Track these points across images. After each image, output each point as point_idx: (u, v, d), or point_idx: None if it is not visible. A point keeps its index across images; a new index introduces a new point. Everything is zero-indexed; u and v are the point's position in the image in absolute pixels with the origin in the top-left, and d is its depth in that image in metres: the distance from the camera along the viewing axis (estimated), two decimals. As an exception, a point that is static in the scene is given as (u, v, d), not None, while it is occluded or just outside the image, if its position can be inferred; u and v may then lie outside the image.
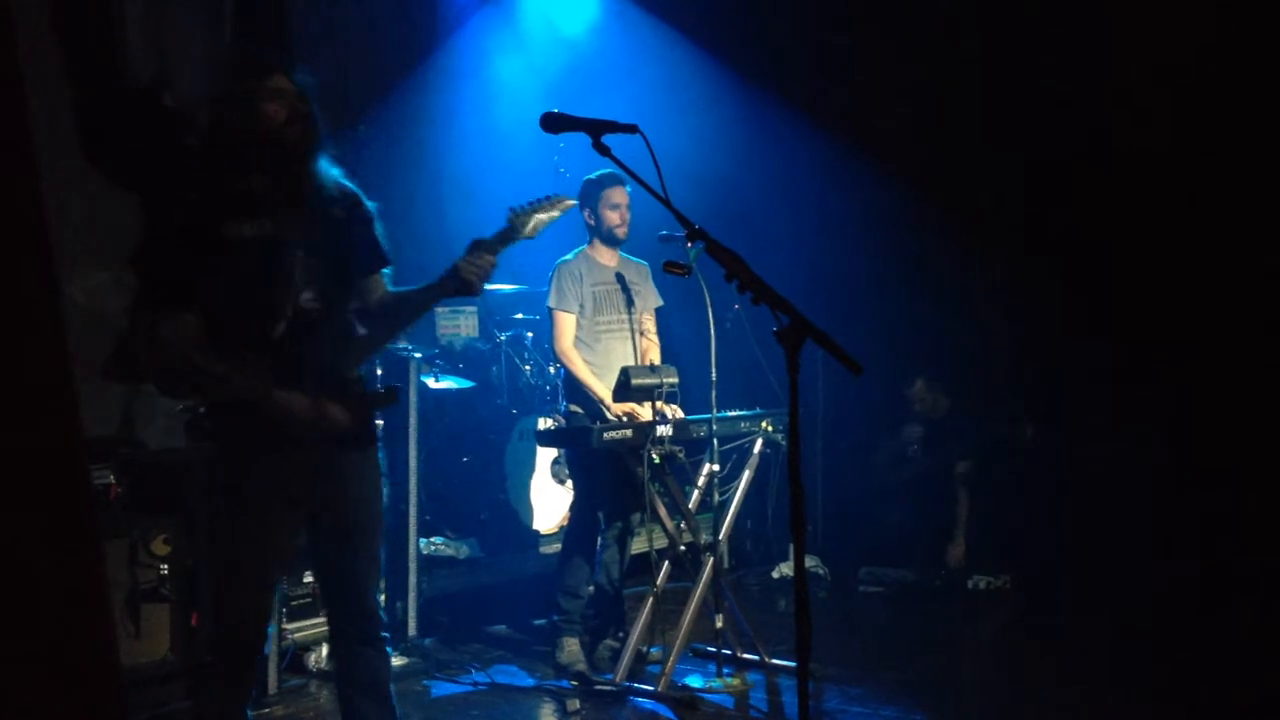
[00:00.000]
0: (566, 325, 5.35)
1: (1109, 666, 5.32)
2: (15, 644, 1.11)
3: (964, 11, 7.17)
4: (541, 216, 3.58)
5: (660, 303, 5.64)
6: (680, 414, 5.23)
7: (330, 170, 3.40)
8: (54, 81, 5.28)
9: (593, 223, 5.44)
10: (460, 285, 3.39)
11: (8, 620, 1.10)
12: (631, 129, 2.91)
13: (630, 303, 5.46)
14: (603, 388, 5.23)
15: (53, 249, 1.18)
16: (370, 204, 3.49)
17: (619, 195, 5.40)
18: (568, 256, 5.45)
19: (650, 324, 5.59)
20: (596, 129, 2.93)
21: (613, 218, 5.39)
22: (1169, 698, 4.84)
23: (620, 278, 5.46)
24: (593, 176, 5.45)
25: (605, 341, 5.41)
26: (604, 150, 2.91)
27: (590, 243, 5.49)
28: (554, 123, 3.00)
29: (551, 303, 5.39)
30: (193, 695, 3.43)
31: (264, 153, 3.28)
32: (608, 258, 5.49)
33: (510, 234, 3.51)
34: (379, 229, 3.49)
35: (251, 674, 3.36)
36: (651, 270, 5.62)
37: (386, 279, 3.51)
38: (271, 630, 4.89)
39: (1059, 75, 6.91)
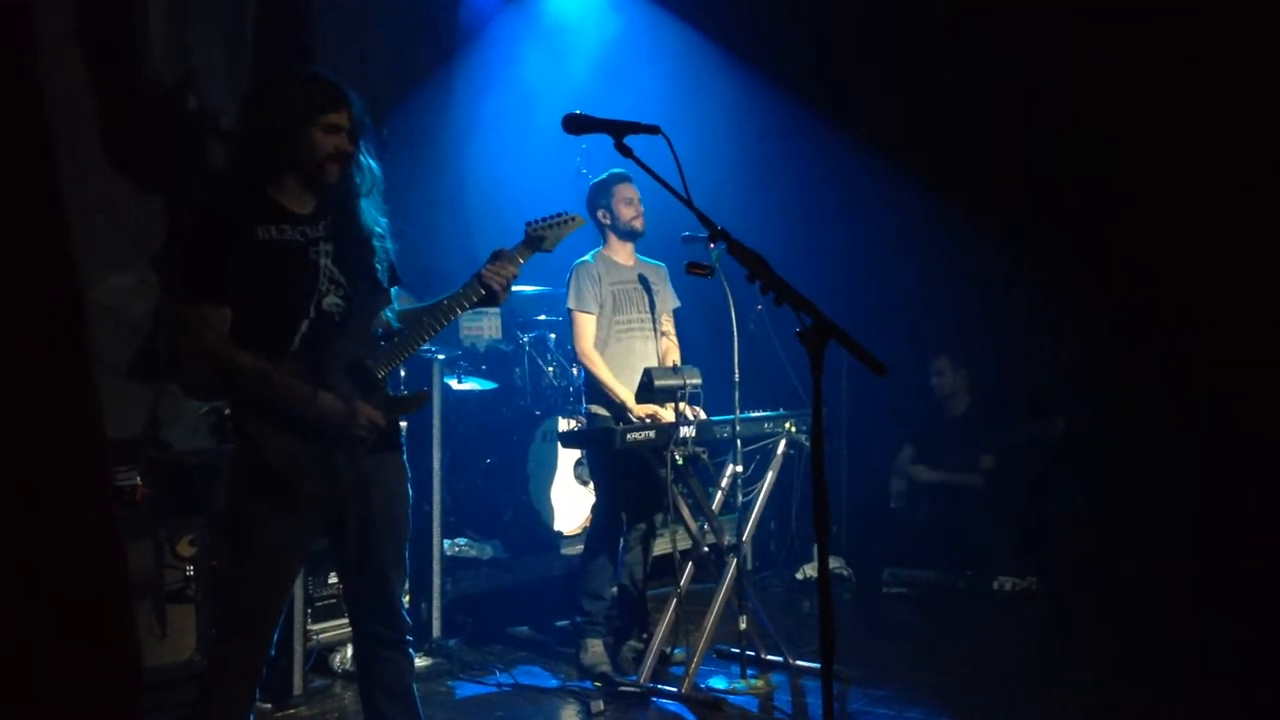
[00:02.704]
0: (586, 326, 5.35)
1: (1135, 669, 5.27)
2: (32, 658, 1.11)
3: (985, 10, 7.13)
4: (557, 232, 3.69)
5: (678, 304, 5.64)
6: (702, 415, 5.22)
7: (369, 209, 3.43)
8: (78, 85, 5.31)
9: (608, 221, 5.43)
10: (485, 293, 3.47)
11: (26, 634, 1.10)
12: (654, 130, 2.91)
13: (650, 303, 5.45)
14: (624, 389, 5.23)
15: (74, 251, 1.18)
16: (390, 244, 3.52)
17: (630, 190, 5.41)
18: (585, 258, 5.44)
19: (669, 325, 5.58)
20: (619, 130, 2.93)
21: (629, 211, 5.39)
22: (1195, 701, 4.81)
23: (642, 278, 5.46)
24: (599, 179, 5.47)
25: (626, 341, 5.40)
26: (626, 151, 2.91)
27: (606, 243, 5.48)
28: (576, 124, 3.01)
29: (571, 304, 5.38)
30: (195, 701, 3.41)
31: (299, 175, 3.31)
32: (625, 257, 5.48)
33: (531, 246, 3.61)
34: (386, 258, 3.51)
35: (252, 683, 3.35)
36: (669, 271, 5.62)
37: (392, 310, 3.55)
38: (296, 631, 4.92)
39: (1080, 70, 6.89)
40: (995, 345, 7.50)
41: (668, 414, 5.15)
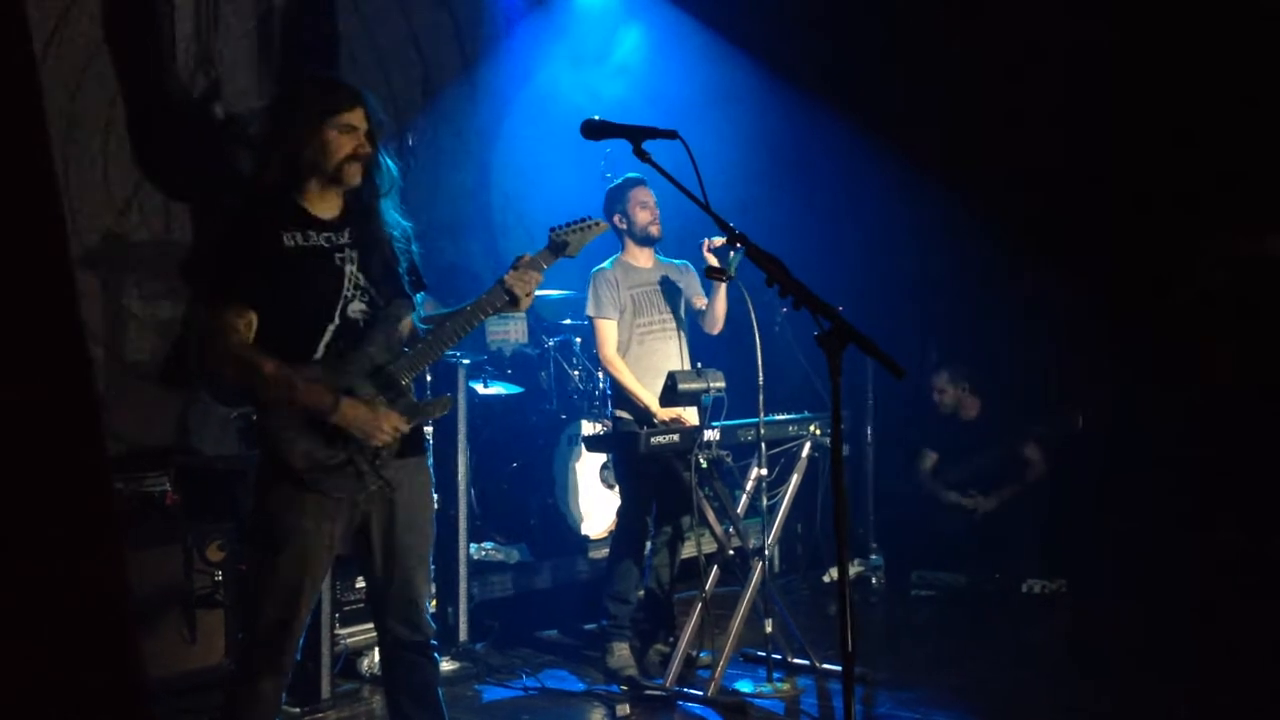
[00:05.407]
0: (608, 332, 5.36)
1: (1166, 673, 5.23)
2: (37, 675, 1.12)
3: (1004, 13, 7.12)
4: (581, 237, 3.69)
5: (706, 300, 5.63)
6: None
7: (390, 208, 3.45)
8: (108, 94, 5.37)
9: (624, 226, 5.42)
10: (509, 299, 3.49)
11: (27, 651, 1.11)
12: (671, 135, 2.91)
13: (672, 303, 5.45)
14: (648, 393, 5.23)
15: (70, 256, 1.19)
16: (415, 246, 3.54)
17: (646, 195, 5.39)
18: (603, 265, 5.45)
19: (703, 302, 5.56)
20: (637, 135, 2.94)
21: (644, 216, 5.38)
22: (1228, 706, 4.76)
23: (665, 280, 5.46)
24: (615, 183, 5.46)
25: (649, 343, 5.41)
26: (644, 156, 2.92)
27: (624, 248, 5.49)
28: (595, 130, 3.02)
29: (590, 311, 5.40)
30: (223, 705, 3.44)
31: (321, 180, 3.33)
32: (644, 260, 5.48)
33: (555, 252, 3.62)
34: (410, 263, 3.53)
35: (279, 687, 3.36)
36: (696, 272, 5.61)
37: (417, 316, 3.56)
38: (324, 635, 4.94)
39: (1094, 76, 6.89)
40: (1011, 344, 7.48)
41: (692, 417, 5.16)
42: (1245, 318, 6.59)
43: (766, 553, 5.24)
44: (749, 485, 5.36)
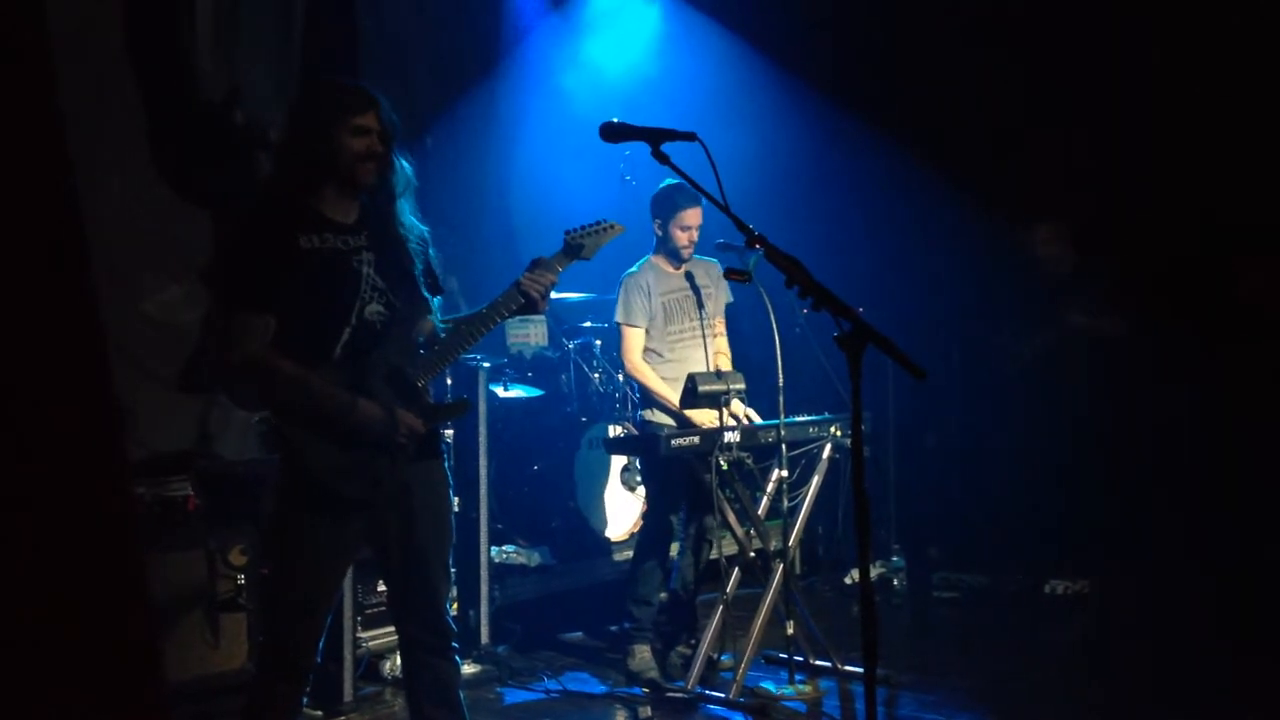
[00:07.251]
0: (634, 340, 5.34)
1: (1194, 676, 5.18)
2: (59, 678, 1.12)
3: (1030, 18, 7.08)
4: (596, 240, 3.70)
5: (730, 299, 5.62)
6: (756, 418, 5.22)
7: (406, 210, 3.46)
8: (127, 101, 5.40)
9: (660, 234, 5.40)
10: (525, 300, 3.49)
11: (49, 655, 1.11)
12: (690, 137, 2.91)
13: (700, 305, 5.44)
14: (678, 398, 5.22)
15: (89, 258, 1.19)
16: (432, 250, 3.55)
17: (692, 217, 5.31)
18: (633, 269, 5.43)
19: (721, 327, 5.56)
20: (655, 137, 2.93)
21: (681, 239, 5.34)
22: (1257, 709, 4.72)
23: (690, 277, 5.44)
24: (672, 185, 5.32)
25: (680, 350, 5.39)
26: (663, 158, 2.91)
27: (654, 251, 5.48)
28: (613, 133, 3.01)
29: (619, 317, 5.38)
30: (243, 709, 3.44)
31: (336, 182, 3.34)
32: (673, 265, 5.47)
33: (570, 254, 3.62)
34: (426, 266, 3.53)
35: (299, 690, 3.37)
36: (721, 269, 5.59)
37: (434, 319, 3.57)
38: (346, 638, 4.95)
39: (1098, 76, 6.85)
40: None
41: (713, 418, 5.16)
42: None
43: (789, 554, 5.22)
44: (770, 487, 5.34)
